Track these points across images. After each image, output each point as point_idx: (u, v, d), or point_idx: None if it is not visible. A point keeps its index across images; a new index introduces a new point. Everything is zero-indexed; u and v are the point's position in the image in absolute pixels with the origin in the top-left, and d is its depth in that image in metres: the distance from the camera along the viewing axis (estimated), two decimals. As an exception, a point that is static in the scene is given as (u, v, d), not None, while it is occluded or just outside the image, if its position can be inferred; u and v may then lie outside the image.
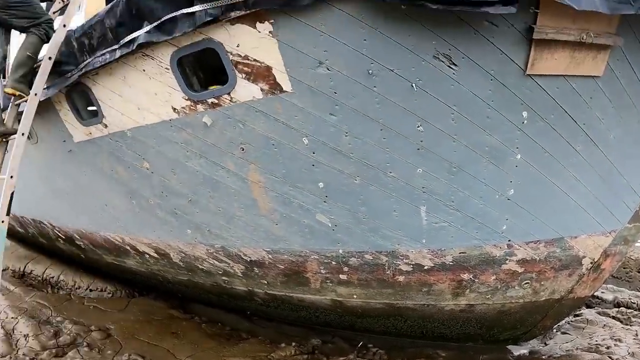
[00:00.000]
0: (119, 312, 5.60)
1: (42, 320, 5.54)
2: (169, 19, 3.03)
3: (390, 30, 2.70)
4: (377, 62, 2.79)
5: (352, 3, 2.65)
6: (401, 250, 3.40)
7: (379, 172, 3.15)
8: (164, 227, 4.33)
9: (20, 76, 3.99)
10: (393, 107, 2.95)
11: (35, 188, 4.29)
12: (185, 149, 3.64)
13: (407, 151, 3.08)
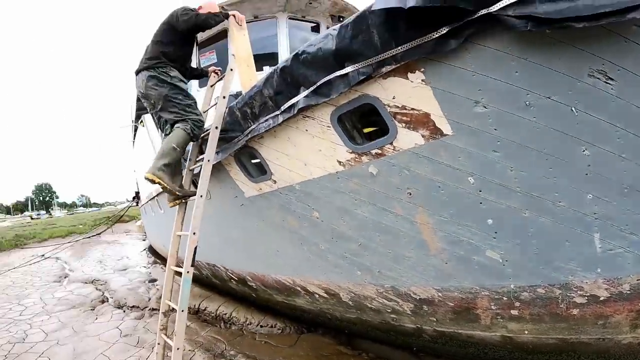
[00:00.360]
0: (289, 347, 5.85)
1: (217, 354, 5.97)
2: (324, 82, 3.22)
3: (539, 57, 2.60)
4: (532, 92, 2.70)
5: (498, 38, 2.61)
6: (575, 281, 3.20)
7: (548, 203, 3.01)
8: (334, 269, 4.49)
9: (163, 165, 4.34)
10: (555, 135, 2.80)
11: (208, 236, 4.70)
12: (353, 198, 3.78)
13: (575, 178, 2.91)
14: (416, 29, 2.64)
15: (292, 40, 7.43)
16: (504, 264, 3.29)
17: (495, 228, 3.20)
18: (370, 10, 2.72)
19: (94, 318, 8.77)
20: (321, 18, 7.79)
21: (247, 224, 5.42)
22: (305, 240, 4.59)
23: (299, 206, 4.35)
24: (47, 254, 20.77)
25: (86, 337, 7.52)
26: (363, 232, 3.93)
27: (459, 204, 3.24)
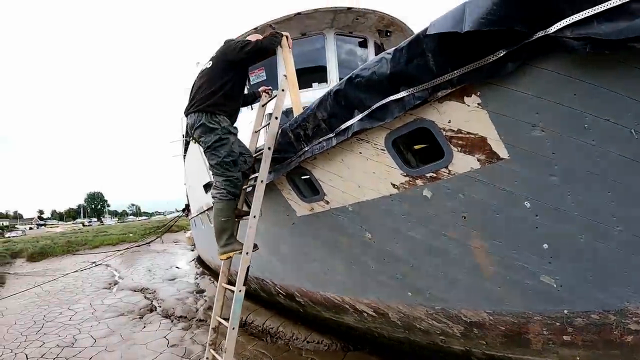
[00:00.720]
0: (335, 364, 5.88)
1: (263, 369, 6.05)
2: (379, 106, 3.21)
3: (599, 79, 2.53)
4: (591, 114, 2.62)
5: (556, 60, 2.55)
6: (630, 307, 3.07)
7: (606, 228, 2.92)
8: (385, 289, 4.48)
9: (226, 240, 4.54)
10: (614, 159, 2.71)
11: (258, 251, 4.74)
12: (407, 220, 3.77)
13: (634, 202, 2.81)
14: (472, 52, 2.62)
15: (339, 51, 7.48)
16: (559, 289, 3.21)
17: (551, 253, 3.13)
18: (425, 34, 2.71)
19: (142, 326, 8.97)
20: (368, 33, 7.80)
21: (298, 242, 5.49)
22: (356, 260, 4.60)
23: (351, 227, 4.37)
24: (97, 261, 21.36)
25: (134, 345, 7.70)
26: (415, 254, 3.91)
27: (515, 228, 3.19)
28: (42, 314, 11.16)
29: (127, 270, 18.44)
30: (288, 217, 5.21)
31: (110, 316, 10.19)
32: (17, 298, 13.44)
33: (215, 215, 4.58)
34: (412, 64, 2.89)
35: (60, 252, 27.73)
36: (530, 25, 2.37)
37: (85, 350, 7.68)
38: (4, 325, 10.30)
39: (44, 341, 8.52)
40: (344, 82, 3.43)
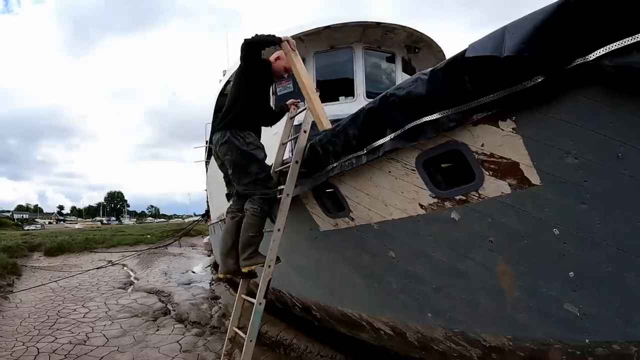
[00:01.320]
0: (348, 380, 5.83)
1: (275, 380, 6.01)
2: (412, 126, 3.20)
3: (635, 108, 2.48)
4: (626, 143, 2.57)
5: (593, 88, 2.50)
6: None
7: (635, 259, 2.87)
8: (404, 309, 4.45)
9: (249, 254, 4.49)
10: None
11: (278, 264, 4.73)
12: (433, 242, 3.74)
13: None
14: (510, 76, 2.59)
15: (366, 65, 7.50)
16: (582, 317, 3.14)
17: (576, 281, 3.06)
18: (463, 57, 2.70)
19: (155, 329, 9.01)
20: (396, 48, 7.81)
21: (319, 256, 5.48)
22: (378, 278, 4.57)
23: (375, 244, 4.35)
24: (114, 260, 21.53)
25: (146, 347, 7.73)
26: (439, 275, 3.87)
27: (542, 255, 3.14)
28: (56, 309, 11.27)
29: (143, 272, 18.56)
30: (311, 231, 5.20)
31: (124, 316, 10.25)
32: (33, 291, 13.60)
33: (244, 229, 4.54)
34: (447, 85, 2.88)
35: (78, 248, 28.03)
36: (569, 51, 2.35)
37: (97, 349, 7.72)
38: (18, 317, 10.42)
39: (56, 337, 8.59)
40: (378, 100, 3.43)
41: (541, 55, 2.38)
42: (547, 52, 2.36)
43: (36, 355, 7.43)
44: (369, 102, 3.57)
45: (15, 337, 8.63)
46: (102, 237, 33.87)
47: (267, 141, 7.52)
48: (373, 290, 4.74)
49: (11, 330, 9.18)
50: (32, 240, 30.55)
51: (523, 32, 2.38)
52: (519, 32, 2.40)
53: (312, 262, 5.82)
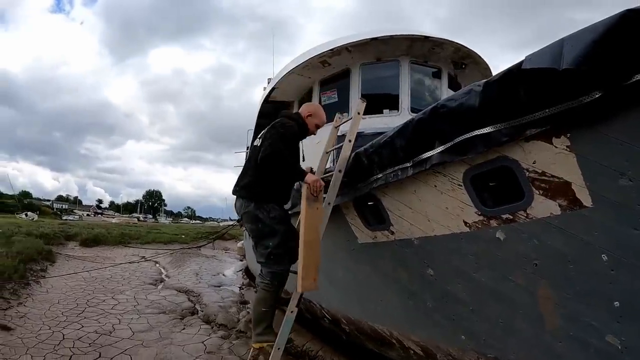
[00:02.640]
0: (371, 398, 5.71)
1: (301, 392, 5.93)
2: (463, 140, 3.10)
3: None
4: None
5: None
6: None
7: None
8: (437, 329, 4.31)
9: (263, 330, 4.42)
10: None
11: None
12: (474, 261, 3.61)
13: None
14: (566, 91, 2.46)
15: (411, 79, 7.47)
16: (622, 351, 2.94)
17: (621, 312, 2.87)
18: (520, 69, 2.60)
19: (182, 328, 9.06)
20: (443, 64, 7.77)
21: (355, 269, 5.40)
22: (413, 295, 4.45)
23: (413, 260, 4.24)
24: (147, 256, 21.84)
25: (171, 344, 7.76)
26: (477, 297, 3.74)
27: (587, 281, 2.96)
28: (86, 298, 11.48)
29: (175, 270, 18.79)
30: (348, 243, 5.13)
31: (152, 312, 10.35)
32: (65, 279, 13.88)
33: (255, 303, 4.52)
34: (502, 98, 2.78)
35: (113, 242, 28.63)
36: (628, 66, 2.22)
37: (121, 341, 7.80)
38: (47, 302, 10.64)
39: (83, 325, 8.73)
40: (428, 112, 3.34)
41: (599, 70, 2.26)
42: (606, 67, 2.24)
43: (61, 341, 7.54)
44: (419, 113, 3.48)
45: (42, 321, 8.80)
46: (137, 233, 34.54)
47: (309, 149, 7.55)
48: (407, 307, 4.62)
49: (39, 314, 9.37)
50: (69, 230, 31.41)
51: (582, 45, 2.27)
52: (578, 45, 2.29)
53: (347, 274, 5.73)
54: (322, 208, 4.20)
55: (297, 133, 4.66)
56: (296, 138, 4.66)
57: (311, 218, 4.11)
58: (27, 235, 23.18)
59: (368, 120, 5.81)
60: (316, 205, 4.12)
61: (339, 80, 7.83)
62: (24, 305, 10.15)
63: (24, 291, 11.57)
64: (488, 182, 3.42)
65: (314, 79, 8.09)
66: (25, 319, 9.00)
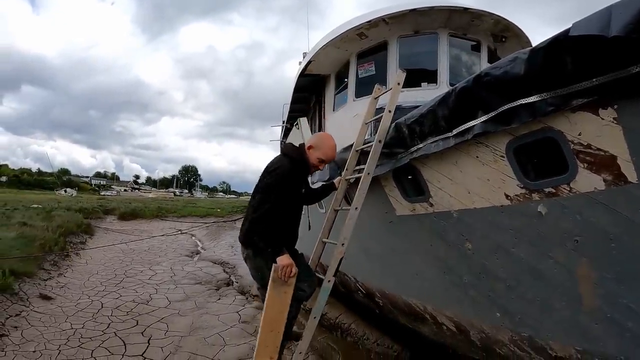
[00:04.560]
0: (402, 372, 5.73)
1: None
2: (506, 109, 3.01)
3: None
4: None
5: None
6: None
7: None
8: (472, 305, 4.28)
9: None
10: None
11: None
12: (514, 236, 3.55)
13: None
14: (615, 60, 2.36)
15: (449, 53, 7.32)
16: None
17: None
18: (567, 36, 2.49)
19: (217, 298, 9.28)
20: (482, 37, 7.56)
21: (391, 242, 5.39)
22: (450, 270, 4.42)
23: (452, 234, 4.20)
24: (184, 229, 22.26)
25: (206, 313, 7.97)
26: (515, 273, 3.68)
27: (629, 261, 2.88)
28: (124, 269, 11.86)
29: (210, 243, 19.15)
30: (386, 215, 5.09)
31: (188, 282, 10.62)
32: (104, 250, 14.34)
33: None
34: (548, 67, 2.68)
35: (150, 215, 29.30)
36: None
37: (158, 310, 8.05)
38: (87, 273, 11.02)
39: (121, 294, 9.06)
40: (471, 80, 3.26)
41: None
42: None
43: (99, 309, 7.85)
44: (462, 81, 3.39)
45: (82, 291, 9.14)
46: (174, 207, 35.28)
47: (345, 123, 7.52)
48: (443, 282, 4.59)
49: (79, 284, 9.74)
50: (107, 205, 32.24)
51: (632, 12, 2.15)
52: (628, 12, 2.17)
53: (383, 247, 5.72)
54: (291, 292, 3.88)
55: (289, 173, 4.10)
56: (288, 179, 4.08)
57: (276, 302, 3.86)
58: (66, 210, 23.99)
59: (406, 93, 5.71)
60: (284, 289, 3.84)
61: (376, 53, 7.70)
62: (64, 276, 10.58)
63: (64, 262, 12.05)
64: (531, 154, 3.33)
65: (351, 52, 7.96)
66: (65, 288, 9.39)
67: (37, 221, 16.38)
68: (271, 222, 3.87)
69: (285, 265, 3.78)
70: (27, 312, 7.38)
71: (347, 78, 8.19)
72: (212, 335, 6.76)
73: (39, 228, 14.60)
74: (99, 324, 7.00)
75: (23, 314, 7.24)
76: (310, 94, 10.61)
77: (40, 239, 12.71)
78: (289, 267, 3.79)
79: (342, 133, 7.09)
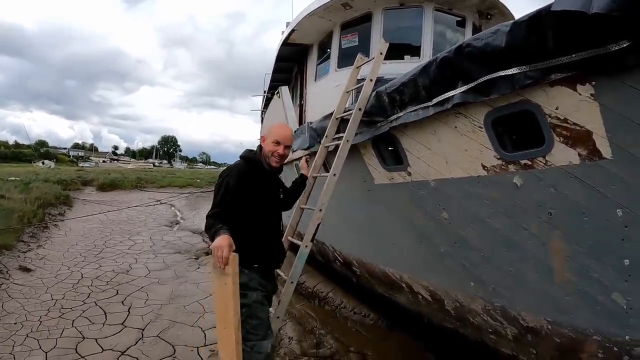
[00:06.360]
0: (378, 340, 5.82)
1: (308, 329, 6.10)
2: (486, 80, 3.03)
3: None
4: None
5: None
6: None
7: None
8: (448, 275, 4.36)
9: None
10: None
11: (324, 214, 4.68)
12: (489, 207, 3.60)
13: None
14: (595, 37, 2.39)
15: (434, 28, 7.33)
16: (627, 311, 2.94)
17: (630, 271, 2.86)
18: (549, 10, 2.49)
19: (197, 267, 9.34)
20: (468, 13, 7.58)
21: (369, 211, 5.43)
22: (426, 239, 4.48)
23: (429, 203, 4.24)
24: (163, 200, 22.15)
25: (186, 282, 8.04)
26: (490, 243, 3.75)
27: (600, 236, 2.95)
28: (103, 239, 11.81)
29: (190, 213, 19.09)
30: (365, 184, 5.14)
31: (168, 252, 10.64)
32: (83, 221, 14.22)
33: None
34: (529, 40, 2.69)
35: (129, 186, 29.07)
36: None
37: (138, 279, 8.09)
38: (66, 244, 10.95)
39: (101, 264, 9.05)
40: (452, 50, 3.26)
41: (630, 18, 2.16)
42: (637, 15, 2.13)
43: (79, 280, 7.84)
44: (443, 52, 3.40)
45: (61, 262, 9.11)
46: (153, 178, 35.00)
47: (326, 93, 7.51)
48: (419, 251, 4.66)
49: (58, 256, 9.69)
50: (86, 176, 31.87)
51: None
52: None
53: (361, 215, 5.76)
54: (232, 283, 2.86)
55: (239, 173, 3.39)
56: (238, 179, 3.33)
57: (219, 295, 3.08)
58: (45, 182, 23.61)
59: (389, 65, 5.68)
60: (224, 279, 2.90)
61: (360, 24, 7.67)
62: (43, 248, 10.50)
63: (43, 234, 11.94)
64: (509, 126, 3.36)
65: (335, 22, 7.91)
66: (44, 260, 9.34)
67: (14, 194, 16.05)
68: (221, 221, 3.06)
69: (217, 247, 2.79)
70: (7, 285, 7.33)
71: (330, 48, 8.14)
72: (192, 303, 6.81)
73: (17, 200, 14.38)
74: (79, 295, 7.00)
75: (3, 287, 7.20)
76: (292, 64, 10.55)
77: (18, 211, 12.54)
78: (221, 249, 2.77)
79: (323, 102, 7.08)
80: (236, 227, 3.07)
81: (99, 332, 5.58)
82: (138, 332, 5.64)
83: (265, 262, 3.43)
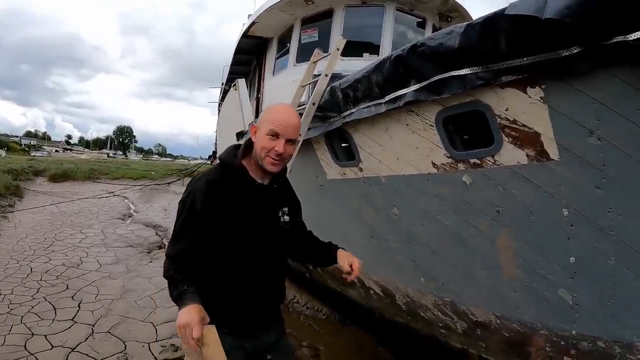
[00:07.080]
0: (330, 335, 5.82)
1: (259, 325, 6.04)
2: (438, 80, 3.07)
3: None
4: None
5: (629, 70, 2.36)
6: (638, 344, 2.87)
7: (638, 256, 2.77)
8: (398, 270, 4.40)
9: None
10: None
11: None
12: (439, 204, 3.65)
13: None
14: (546, 42, 2.45)
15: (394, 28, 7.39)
16: (573, 307, 3.02)
17: (576, 268, 2.94)
18: (502, 14, 2.55)
19: (149, 261, 9.13)
20: (428, 14, 7.70)
21: (320, 205, 5.39)
22: (377, 235, 4.51)
23: (380, 199, 4.27)
24: (116, 191, 21.67)
25: (137, 276, 7.86)
26: (439, 240, 3.80)
27: (546, 234, 3.03)
28: (54, 232, 11.42)
29: (144, 206, 18.70)
30: (317, 178, 5.15)
31: (120, 246, 10.38)
32: (33, 213, 13.76)
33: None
34: (482, 42, 2.72)
35: (82, 177, 28.28)
36: (610, 27, 2.19)
37: (89, 273, 7.84)
38: (15, 237, 10.55)
39: (51, 258, 8.73)
40: (406, 49, 3.29)
41: (581, 25, 2.22)
42: (588, 23, 2.19)
43: (29, 274, 7.53)
44: (397, 50, 3.43)
45: (10, 256, 8.74)
46: (106, 169, 34.12)
47: (283, 88, 7.47)
48: (370, 246, 4.69)
49: (7, 249, 9.30)
50: (38, 166, 30.86)
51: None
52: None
53: (313, 210, 5.67)
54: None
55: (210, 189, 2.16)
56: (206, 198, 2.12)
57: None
58: (-7, 172, 22.70)
59: (347, 62, 5.72)
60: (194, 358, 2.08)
61: (321, 20, 7.69)
62: (-10, 241, 10.07)
63: (-9, 227, 11.46)
64: (460, 125, 3.42)
65: (296, 16, 7.91)
66: (-8, 254, 8.95)
67: (-39, 184, 15.50)
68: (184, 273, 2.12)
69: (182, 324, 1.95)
70: (-48, 280, 7.01)
71: (289, 43, 8.12)
72: (144, 298, 6.66)
73: (-37, 191, 13.82)
74: (28, 289, 6.72)
75: (-52, 282, 6.88)
76: (251, 57, 10.48)
77: (-36, 202, 12.03)
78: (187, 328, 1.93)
79: (280, 96, 7.03)
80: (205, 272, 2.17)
81: (49, 329, 5.37)
82: (88, 328, 5.45)
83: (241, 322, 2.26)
